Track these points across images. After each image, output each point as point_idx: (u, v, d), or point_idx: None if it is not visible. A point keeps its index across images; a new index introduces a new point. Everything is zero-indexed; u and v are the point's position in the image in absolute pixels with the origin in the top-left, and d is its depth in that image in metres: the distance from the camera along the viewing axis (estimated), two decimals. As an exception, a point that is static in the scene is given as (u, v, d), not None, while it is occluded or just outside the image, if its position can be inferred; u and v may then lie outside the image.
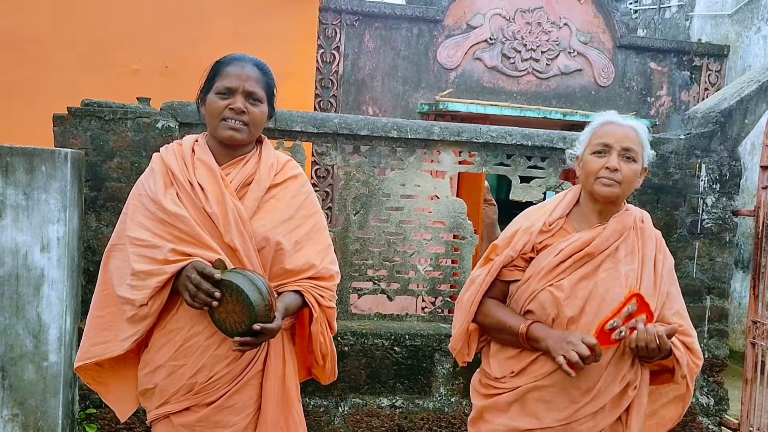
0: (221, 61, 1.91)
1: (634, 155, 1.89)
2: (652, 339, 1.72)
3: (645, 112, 6.69)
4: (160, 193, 1.81)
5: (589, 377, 1.82)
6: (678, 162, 3.58)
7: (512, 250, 1.95)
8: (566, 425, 1.85)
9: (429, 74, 6.17)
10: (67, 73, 5.03)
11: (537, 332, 1.85)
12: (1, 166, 2.80)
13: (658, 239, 1.99)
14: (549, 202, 2.04)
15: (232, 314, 1.69)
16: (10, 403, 2.86)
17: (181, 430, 1.81)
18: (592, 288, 1.85)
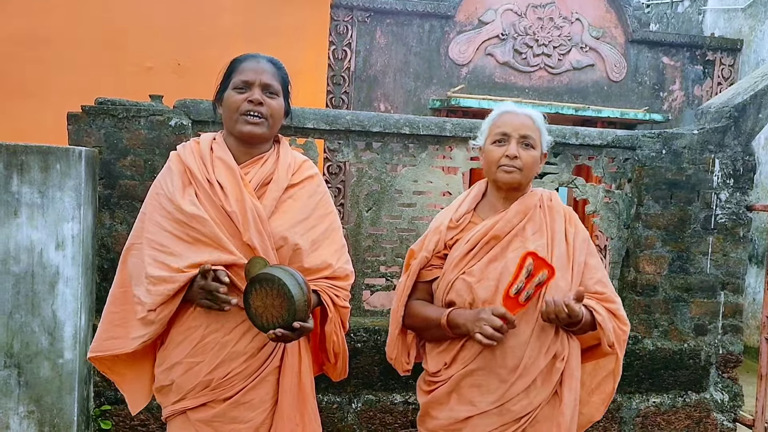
0: (237, 58, 1.95)
1: (532, 142, 1.99)
2: (560, 309, 1.79)
3: (658, 107, 6.65)
4: (178, 193, 1.83)
5: (513, 354, 1.89)
6: (691, 157, 3.55)
7: (426, 251, 2.04)
8: (501, 406, 1.90)
9: (441, 70, 6.16)
10: (80, 72, 5.07)
11: (456, 318, 1.92)
12: (17, 165, 2.82)
13: (568, 214, 2.07)
14: (456, 200, 2.14)
15: (270, 308, 1.70)
16: (26, 400, 2.89)
17: (198, 425, 1.83)
18: (502, 269, 1.93)
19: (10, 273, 2.84)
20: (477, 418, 1.92)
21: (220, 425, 1.83)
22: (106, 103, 3.15)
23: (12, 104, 5.02)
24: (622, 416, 3.53)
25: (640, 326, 3.55)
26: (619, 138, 3.57)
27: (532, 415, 1.91)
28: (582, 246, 2.03)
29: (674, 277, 3.56)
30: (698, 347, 3.60)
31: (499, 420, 1.91)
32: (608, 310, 1.98)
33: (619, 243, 3.62)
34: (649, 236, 3.53)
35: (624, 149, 3.59)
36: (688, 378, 3.60)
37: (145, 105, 3.19)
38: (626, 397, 3.53)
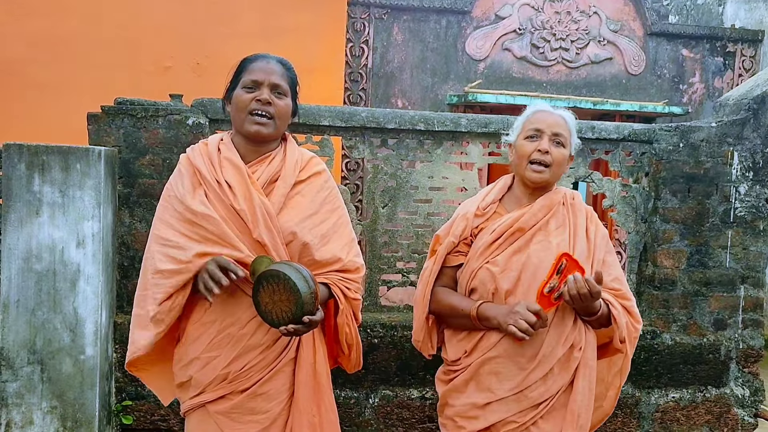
0: (246, 58, 1.98)
1: (563, 141, 2.06)
2: (582, 285, 1.84)
3: (677, 100, 6.57)
4: (188, 194, 1.87)
5: (533, 343, 1.94)
6: (709, 150, 3.51)
7: (453, 236, 2.10)
8: (519, 393, 1.96)
9: (458, 66, 6.14)
10: (100, 72, 5.14)
11: (487, 311, 1.98)
12: (38, 165, 2.88)
13: (590, 213, 2.14)
14: (483, 190, 2.21)
15: (279, 303, 1.74)
16: (49, 395, 2.95)
17: (217, 417, 1.87)
18: (525, 260, 1.99)
19: (33, 271, 2.91)
20: (495, 404, 1.97)
21: (238, 416, 1.87)
22: (125, 103, 3.20)
23: (33, 105, 5.11)
24: (641, 411, 3.51)
25: (658, 321, 3.52)
26: (635, 131, 3.54)
27: (549, 402, 1.97)
28: (602, 243, 2.09)
29: (693, 271, 3.53)
30: (718, 342, 3.56)
31: (516, 406, 1.96)
32: (623, 307, 2.03)
33: (637, 237, 3.59)
34: (667, 230, 3.50)
35: (641, 143, 3.56)
36: (708, 373, 3.56)
37: (162, 104, 3.23)
38: (645, 392, 3.51)
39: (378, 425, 3.34)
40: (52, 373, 2.95)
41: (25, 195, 2.88)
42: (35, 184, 2.89)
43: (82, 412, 2.98)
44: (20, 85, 5.18)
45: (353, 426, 3.33)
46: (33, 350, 2.93)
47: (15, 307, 2.91)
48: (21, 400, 2.94)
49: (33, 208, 2.89)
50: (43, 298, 2.92)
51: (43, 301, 2.92)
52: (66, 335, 2.95)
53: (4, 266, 2.90)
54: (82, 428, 2.99)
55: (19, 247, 2.89)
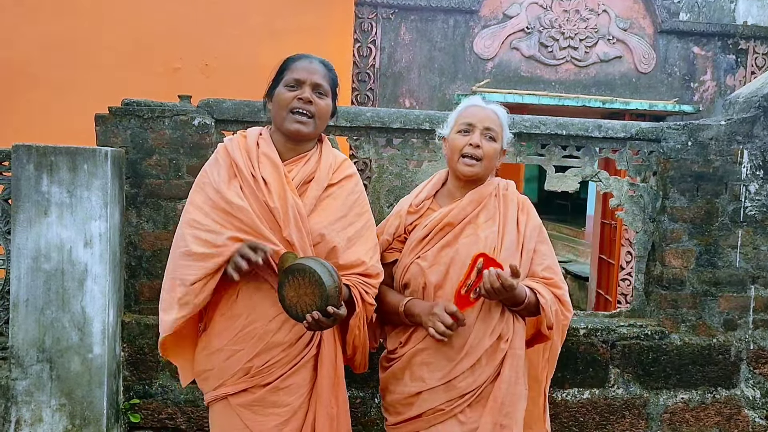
0: (290, 57, 2.04)
1: (495, 135, 2.11)
2: (494, 279, 1.88)
3: (688, 98, 6.51)
4: (224, 184, 1.91)
5: (460, 335, 2.01)
6: (719, 149, 3.47)
7: (387, 235, 2.17)
8: (448, 383, 2.02)
9: (466, 65, 6.13)
10: (110, 74, 5.18)
11: (412, 308, 2.05)
12: (46, 165, 2.91)
13: (521, 202, 2.17)
14: (418, 187, 2.27)
15: (304, 297, 1.79)
16: (58, 393, 2.98)
17: (239, 409, 1.92)
18: (453, 254, 2.04)
19: (42, 270, 2.94)
20: (426, 393, 2.04)
21: (260, 409, 1.92)
22: (132, 104, 3.22)
23: (44, 106, 5.16)
24: (649, 412, 3.49)
25: (666, 321, 3.49)
26: (643, 130, 3.51)
27: (477, 391, 2.02)
28: (532, 233, 2.13)
29: (702, 271, 3.50)
30: (728, 342, 3.53)
31: (445, 395, 2.02)
32: (555, 295, 2.08)
33: (645, 237, 3.57)
34: (675, 229, 3.47)
35: (649, 141, 3.53)
36: (718, 374, 3.53)
37: (169, 105, 3.25)
38: (653, 393, 3.48)
39: (383, 425, 3.33)
40: (60, 371, 2.98)
41: (33, 195, 2.92)
42: (43, 185, 2.92)
43: (90, 409, 3.01)
44: (32, 87, 5.25)
45: (359, 425, 3.33)
46: (42, 348, 2.97)
47: (24, 305, 2.94)
48: (30, 397, 2.98)
49: (41, 208, 2.92)
50: (51, 297, 2.95)
51: (52, 300, 2.95)
52: (74, 334, 2.98)
53: (13, 266, 2.93)
54: (90, 426, 3.02)
55: (28, 246, 2.92)
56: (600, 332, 3.43)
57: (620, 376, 3.45)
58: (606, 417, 3.45)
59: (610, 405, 3.45)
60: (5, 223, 3.00)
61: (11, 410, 2.97)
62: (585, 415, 3.43)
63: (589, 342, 3.41)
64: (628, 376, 3.46)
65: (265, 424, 1.91)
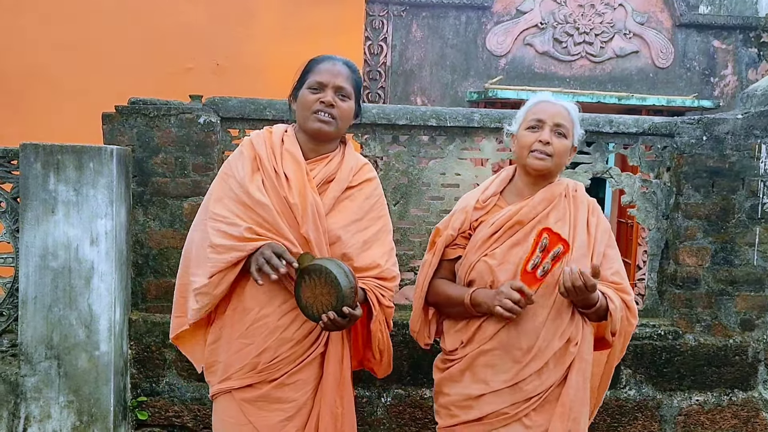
0: (314, 59, 2.04)
1: (565, 131, 2.04)
2: (576, 277, 1.82)
3: (708, 93, 6.39)
4: (247, 178, 1.92)
5: (528, 336, 1.95)
6: (735, 143, 3.39)
7: (451, 230, 2.10)
8: (513, 386, 1.96)
9: (478, 62, 6.08)
10: (123, 74, 5.23)
11: (478, 297, 1.98)
12: (53, 164, 2.93)
13: (592, 205, 2.11)
14: (484, 183, 2.20)
15: (320, 297, 1.79)
16: (66, 390, 3.00)
17: (243, 404, 1.93)
18: (523, 253, 1.96)
19: (49, 268, 2.96)
20: (489, 395, 1.98)
21: (264, 404, 1.93)
22: (138, 103, 3.23)
23: (57, 107, 5.22)
24: (663, 414, 3.41)
25: (680, 321, 3.42)
26: (656, 125, 3.44)
27: (543, 395, 1.97)
28: (603, 237, 2.06)
29: (717, 270, 3.41)
30: (745, 343, 3.44)
31: (510, 399, 1.97)
32: (623, 301, 2.01)
33: (658, 234, 3.49)
34: (690, 227, 3.39)
35: (662, 136, 3.46)
36: (734, 375, 3.44)
37: (174, 104, 3.26)
38: (666, 394, 3.41)
39: (390, 424, 3.32)
40: (68, 368, 3.00)
41: (41, 193, 2.94)
42: (50, 183, 2.94)
43: (98, 406, 3.03)
44: (45, 88, 5.31)
45: (365, 425, 3.31)
46: (50, 345, 2.99)
47: (33, 303, 2.97)
48: (39, 394, 3.00)
49: (49, 207, 2.94)
50: (59, 294, 2.97)
51: (59, 297, 2.97)
52: (81, 331, 3.00)
53: (21, 263, 2.96)
54: (97, 423, 3.04)
55: (36, 244, 2.95)
56: (611, 331, 3.36)
57: (632, 376, 3.38)
58: (617, 419, 3.38)
59: (622, 406, 3.38)
60: (14, 221, 3.02)
61: (20, 406, 3.00)
62: (596, 417, 3.36)
63: (600, 341, 3.35)
64: (641, 377, 3.38)
65: (269, 419, 1.92)
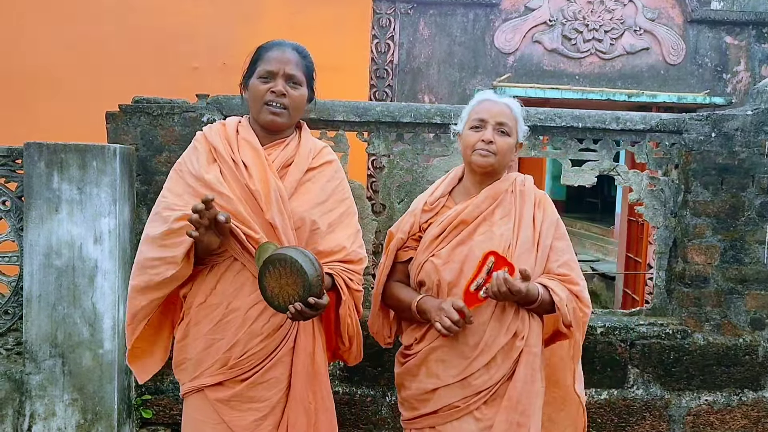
0: (262, 46, 1.99)
1: (508, 129, 2.06)
2: (501, 283, 1.87)
3: (720, 90, 6.29)
4: (203, 169, 1.89)
5: (475, 333, 2.00)
6: (745, 140, 3.33)
7: (401, 233, 2.16)
8: (463, 380, 2.00)
9: (486, 60, 6.03)
10: (130, 74, 5.24)
11: (424, 305, 2.03)
12: (57, 163, 2.94)
13: (539, 198, 2.13)
14: (433, 185, 2.24)
15: (285, 287, 1.75)
16: (70, 388, 3.01)
17: (216, 404, 1.89)
18: (467, 252, 2.02)
19: (53, 267, 2.97)
20: (442, 390, 2.04)
21: (238, 404, 1.89)
22: (142, 102, 3.24)
23: (64, 106, 5.24)
24: (671, 414, 3.36)
25: (689, 320, 3.37)
26: (663, 122, 3.39)
27: (493, 389, 2.01)
28: (549, 229, 2.09)
29: (727, 268, 3.36)
30: (755, 342, 3.39)
31: (461, 392, 2.02)
32: (571, 292, 2.03)
33: (666, 232, 3.45)
34: (698, 225, 3.35)
35: (670, 133, 3.41)
36: (744, 375, 3.39)
37: (178, 102, 3.26)
38: (675, 394, 3.36)
39: (395, 423, 3.29)
40: (72, 367, 3.01)
41: (44, 192, 2.95)
42: (54, 182, 2.95)
43: (102, 405, 3.04)
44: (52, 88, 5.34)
45: (370, 424, 3.30)
46: (54, 344, 3.00)
47: (37, 301, 2.98)
48: (44, 392, 3.01)
49: (52, 205, 2.95)
50: (63, 293, 2.98)
51: (63, 296, 2.98)
52: (85, 330, 3.01)
53: (26, 262, 2.97)
54: (101, 421, 3.04)
55: (40, 243, 2.96)
56: (618, 331, 3.32)
57: (640, 376, 3.34)
58: (625, 418, 3.34)
59: (630, 406, 3.34)
60: (18, 220, 3.04)
61: (25, 404, 3.01)
62: (603, 416, 3.33)
63: (607, 341, 3.31)
64: (648, 377, 3.34)
65: (243, 419, 1.88)
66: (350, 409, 3.29)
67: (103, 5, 5.47)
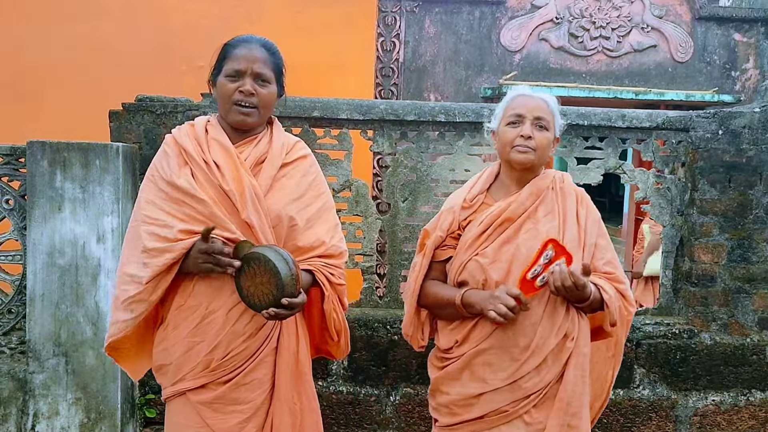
0: (229, 43, 1.94)
1: (546, 124, 2.01)
2: (566, 276, 1.82)
3: (729, 88, 6.24)
4: (175, 173, 1.84)
5: (525, 334, 1.93)
6: (752, 137, 3.30)
7: (440, 231, 2.07)
8: (512, 383, 1.94)
9: (492, 58, 6.00)
10: (136, 73, 5.25)
11: (470, 298, 1.95)
12: (59, 162, 2.94)
13: (580, 195, 2.07)
14: (469, 181, 2.16)
15: (260, 287, 1.72)
16: (73, 387, 3.01)
17: (199, 407, 1.85)
18: (514, 250, 1.95)
19: (56, 265, 2.97)
20: (489, 394, 1.96)
21: (221, 406, 1.85)
22: (145, 100, 3.23)
23: (69, 105, 5.26)
24: (678, 414, 3.33)
25: (696, 319, 3.33)
26: (670, 119, 3.36)
27: (543, 392, 1.95)
28: (593, 227, 2.04)
29: (734, 267, 3.32)
30: (763, 342, 3.35)
31: (510, 396, 1.95)
32: (617, 290, 1.99)
33: (673, 231, 3.41)
34: (705, 223, 3.31)
35: (676, 131, 3.38)
36: (752, 375, 3.35)
37: (181, 101, 3.25)
38: (681, 394, 3.33)
39: (399, 423, 3.28)
40: (76, 366, 3.01)
41: (47, 191, 2.95)
42: (57, 181, 2.95)
43: (105, 403, 3.03)
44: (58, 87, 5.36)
45: (374, 424, 3.28)
46: (58, 343, 3.00)
47: (40, 300, 2.98)
48: (47, 391, 3.02)
49: (55, 204, 2.95)
50: (66, 292, 2.98)
51: (67, 294, 2.98)
52: (88, 328, 3.01)
53: (29, 261, 2.97)
54: (105, 420, 3.04)
55: (43, 242, 2.96)
56: (624, 330, 3.29)
57: (646, 376, 3.31)
58: (631, 419, 3.31)
59: (635, 406, 3.31)
60: (21, 218, 3.04)
61: (29, 403, 3.02)
62: (608, 417, 3.30)
63: (613, 340, 3.28)
64: (655, 377, 3.31)
65: (226, 422, 1.85)
66: (354, 408, 3.27)
67: (107, 4, 5.48)
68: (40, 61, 5.42)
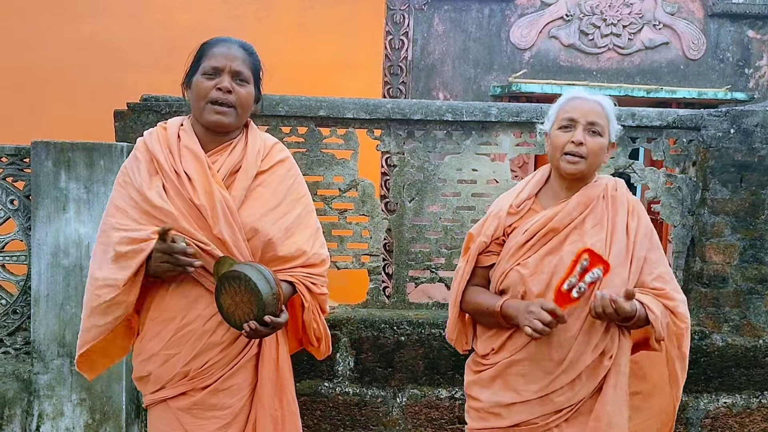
0: (207, 42, 1.90)
1: (600, 129, 1.93)
2: (607, 304, 1.77)
3: (742, 86, 6.15)
4: (145, 183, 1.79)
5: (561, 348, 1.89)
6: (765, 136, 3.24)
7: (484, 236, 2.03)
8: (544, 396, 1.90)
9: (502, 56, 5.95)
10: (142, 73, 5.25)
11: (509, 310, 1.91)
12: (64, 161, 2.93)
13: (632, 205, 1.98)
14: (519, 184, 2.09)
15: (241, 305, 1.69)
16: (78, 388, 3.00)
17: (178, 413, 1.83)
18: (557, 262, 1.89)
19: (61, 266, 2.96)
20: (519, 405, 1.94)
21: (200, 412, 1.83)
22: (150, 100, 3.22)
23: (75, 105, 5.27)
24: (689, 417, 3.28)
25: (707, 320, 3.28)
26: (681, 118, 3.30)
27: (575, 407, 1.91)
28: (643, 241, 1.95)
29: (746, 267, 3.27)
30: (776, 344, 3.29)
31: (540, 409, 1.92)
32: (665, 307, 1.91)
33: (683, 231, 3.36)
34: (717, 223, 3.25)
35: (687, 130, 3.32)
36: (765, 377, 3.29)
37: (186, 101, 3.22)
38: (692, 396, 3.28)
39: (406, 425, 3.25)
40: (80, 367, 3.00)
41: (52, 191, 2.94)
42: (61, 181, 2.94)
43: (110, 405, 3.03)
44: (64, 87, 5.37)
45: (380, 425, 3.25)
46: (62, 343, 2.99)
47: (45, 301, 2.97)
48: (52, 392, 3.01)
49: (60, 204, 2.95)
50: (70, 292, 2.97)
51: (71, 295, 2.97)
52: (93, 329, 2.99)
53: (34, 261, 2.97)
54: (110, 421, 3.03)
55: (48, 242, 2.95)
56: (634, 332, 3.24)
57: (656, 378, 3.26)
58: (641, 422, 3.26)
59: (645, 409, 3.26)
60: (26, 219, 3.04)
61: (33, 404, 3.01)
62: (618, 420, 3.25)
63: (622, 342, 3.23)
64: (665, 379, 3.26)
65: (205, 427, 1.82)
66: (360, 410, 3.25)
67: (113, 3, 5.48)
68: (45, 61, 5.43)
